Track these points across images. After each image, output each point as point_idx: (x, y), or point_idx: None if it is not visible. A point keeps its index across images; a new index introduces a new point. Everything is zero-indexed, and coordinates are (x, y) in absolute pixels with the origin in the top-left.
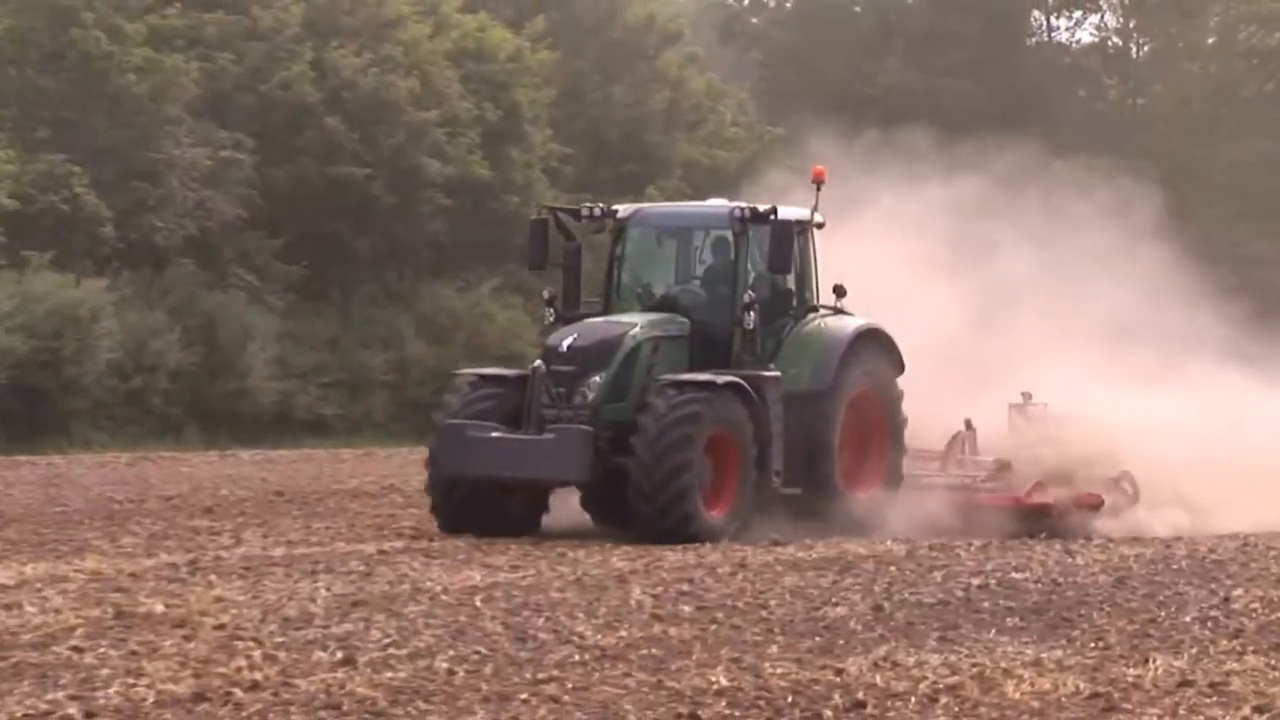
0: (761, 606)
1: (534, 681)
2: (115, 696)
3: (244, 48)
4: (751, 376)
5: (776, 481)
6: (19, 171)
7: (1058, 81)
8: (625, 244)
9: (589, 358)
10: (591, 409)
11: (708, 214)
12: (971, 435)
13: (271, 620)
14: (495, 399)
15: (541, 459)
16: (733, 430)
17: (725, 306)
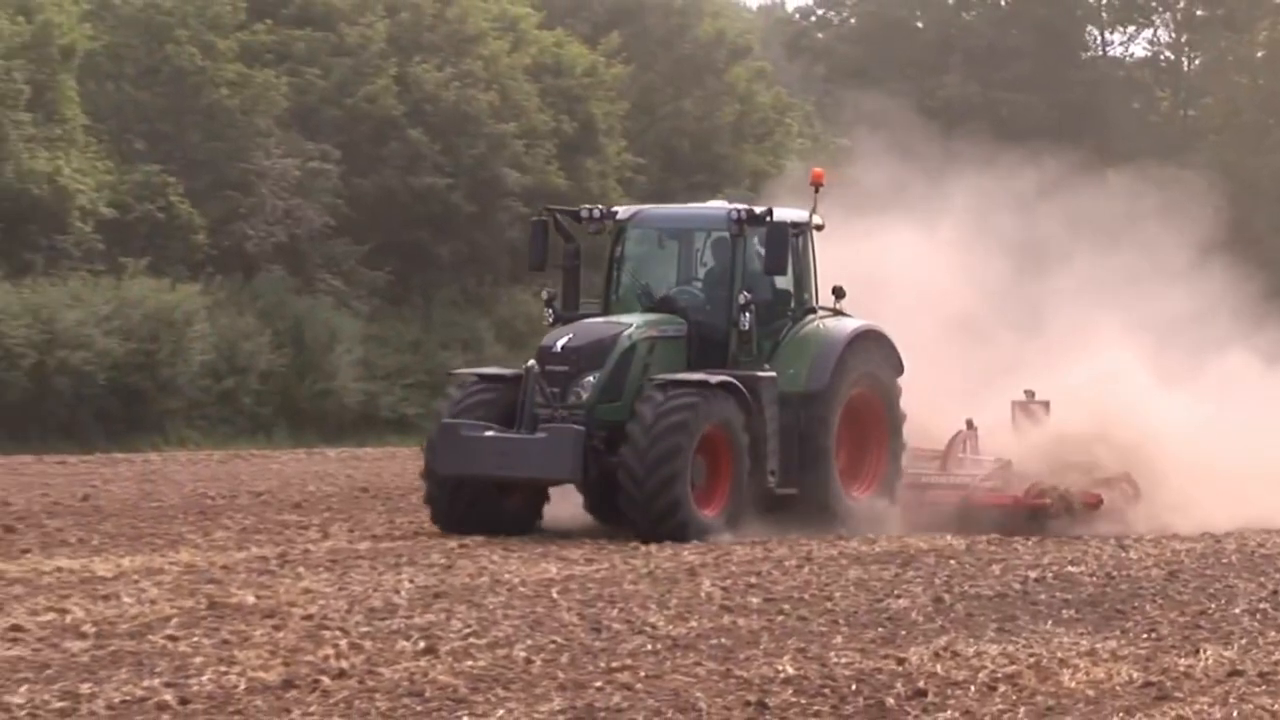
0: (827, 598)
1: (608, 670)
2: (208, 683)
3: (331, 63)
4: (746, 376)
5: (772, 481)
6: (117, 181)
7: (1112, 94)
8: (624, 245)
9: (583, 358)
10: (586, 408)
11: (705, 216)
12: (973, 434)
13: (357, 611)
14: (492, 398)
15: (533, 458)
16: (726, 429)
17: (723, 307)
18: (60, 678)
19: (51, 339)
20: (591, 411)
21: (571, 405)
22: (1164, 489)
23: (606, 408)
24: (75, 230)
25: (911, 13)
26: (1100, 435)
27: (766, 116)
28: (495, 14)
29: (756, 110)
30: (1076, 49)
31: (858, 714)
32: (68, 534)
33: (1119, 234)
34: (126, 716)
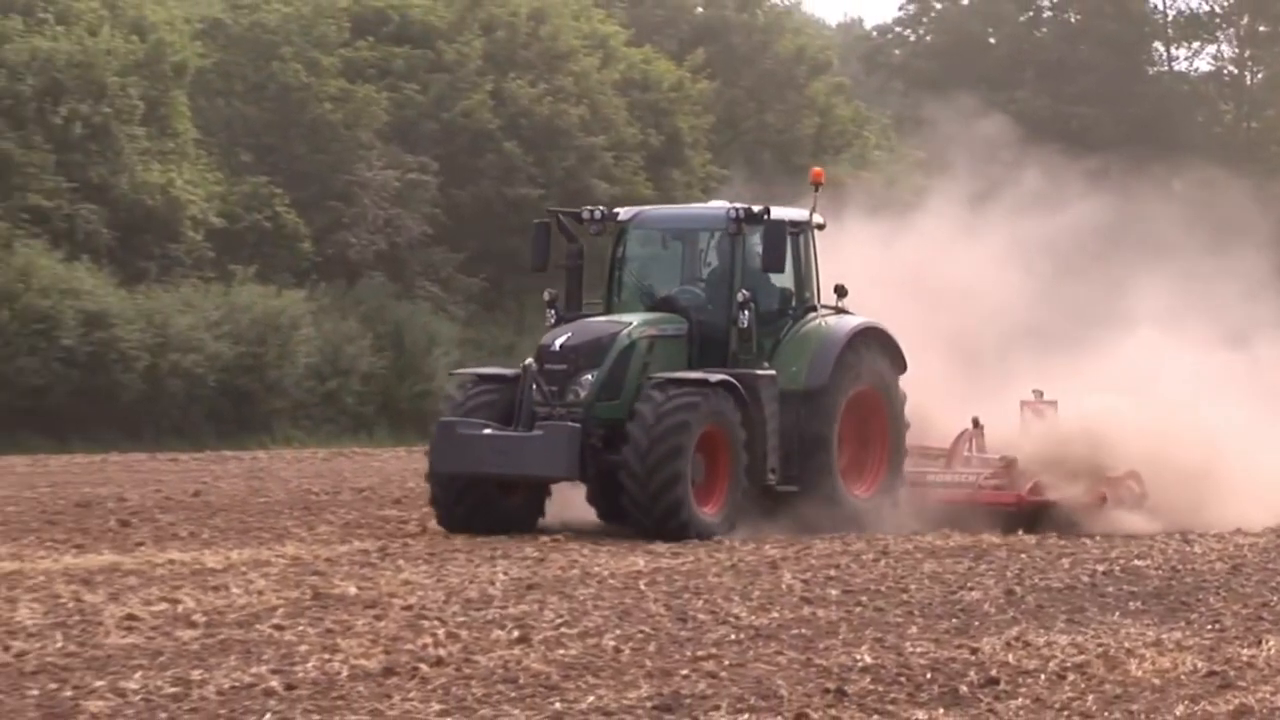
0: (902, 590)
1: (693, 658)
2: (313, 670)
3: (429, 79)
4: (745, 375)
5: (772, 479)
6: (226, 192)
7: (1177, 107)
8: (626, 246)
9: (581, 356)
10: (584, 407)
11: (705, 215)
12: (979, 433)
13: (454, 601)
14: (492, 397)
15: (530, 456)
16: (725, 428)
17: (723, 306)
18: (172, 665)
19: (164, 342)
20: (590, 410)
21: (570, 404)
22: (1175, 488)
23: (605, 406)
24: (187, 239)
25: (985, 29)
26: (1107, 434)
27: (845, 129)
28: (586, 32)
29: (836, 123)
30: (1143, 64)
31: (933, 701)
32: (179, 528)
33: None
34: (235, 702)
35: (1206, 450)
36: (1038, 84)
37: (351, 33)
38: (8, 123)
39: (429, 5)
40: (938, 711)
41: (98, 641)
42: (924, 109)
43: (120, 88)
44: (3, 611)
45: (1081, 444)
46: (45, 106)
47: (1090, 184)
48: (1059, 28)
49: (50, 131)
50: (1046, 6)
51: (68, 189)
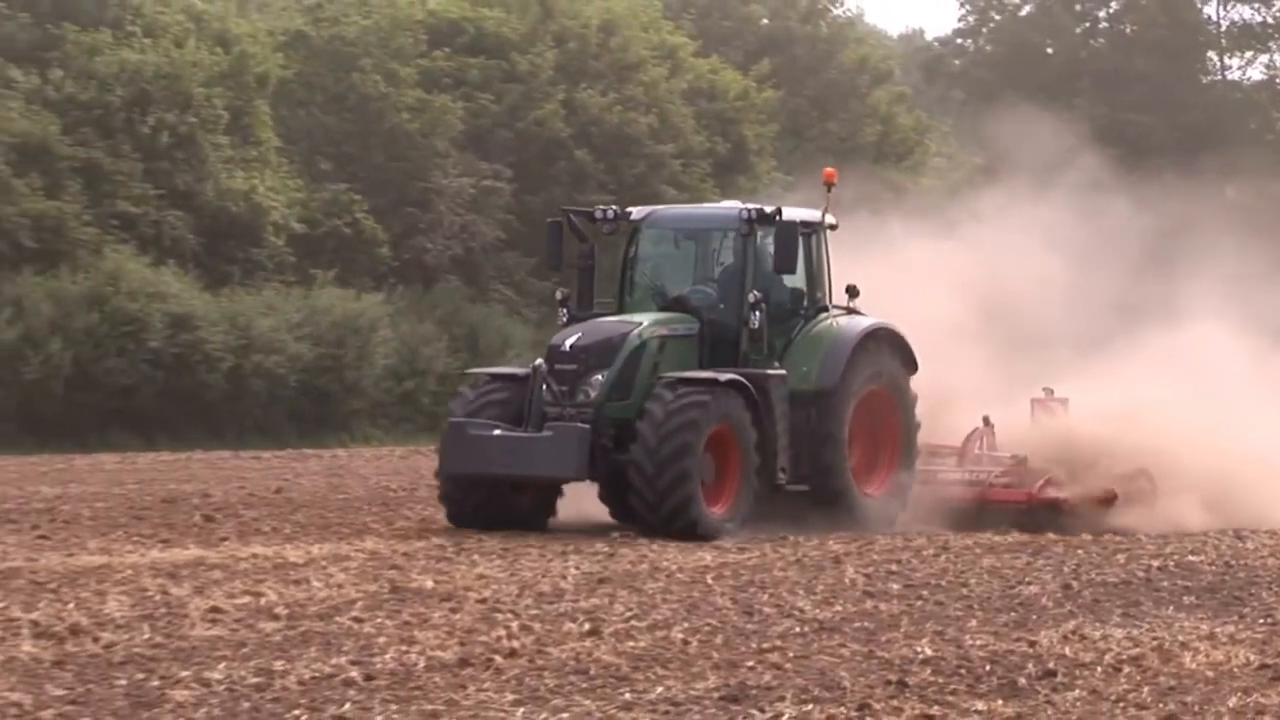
0: (962, 585)
1: (759, 650)
2: (390, 661)
3: (503, 89)
4: (756, 375)
5: (782, 478)
6: (307, 199)
7: (1230, 115)
8: (638, 245)
9: (591, 356)
10: (594, 407)
11: (717, 215)
12: (989, 431)
13: (527, 595)
14: (504, 397)
15: (538, 456)
16: (735, 427)
17: (734, 306)
18: (255, 655)
19: (248, 344)
20: (600, 410)
21: (580, 404)
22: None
23: (616, 406)
24: (269, 244)
25: (1043, 40)
26: (1118, 432)
27: (906, 137)
28: (655, 43)
29: (897, 131)
30: (1197, 73)
31: (992, 693)
32: (262, 523)
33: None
34: (315, 692)
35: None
36: (1094, 93)
37: (428, 44)
38: (98, 132)
39: (502, 17)
40: (997, 703)
41: (183, 633)
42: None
43: (205, 98)
44: (92, 604)
45: (1091, 441)
46: (134, 116)
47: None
48: (1115, 38)
49: (138, 140)
50: (1102, 18)
51: (155, 196)
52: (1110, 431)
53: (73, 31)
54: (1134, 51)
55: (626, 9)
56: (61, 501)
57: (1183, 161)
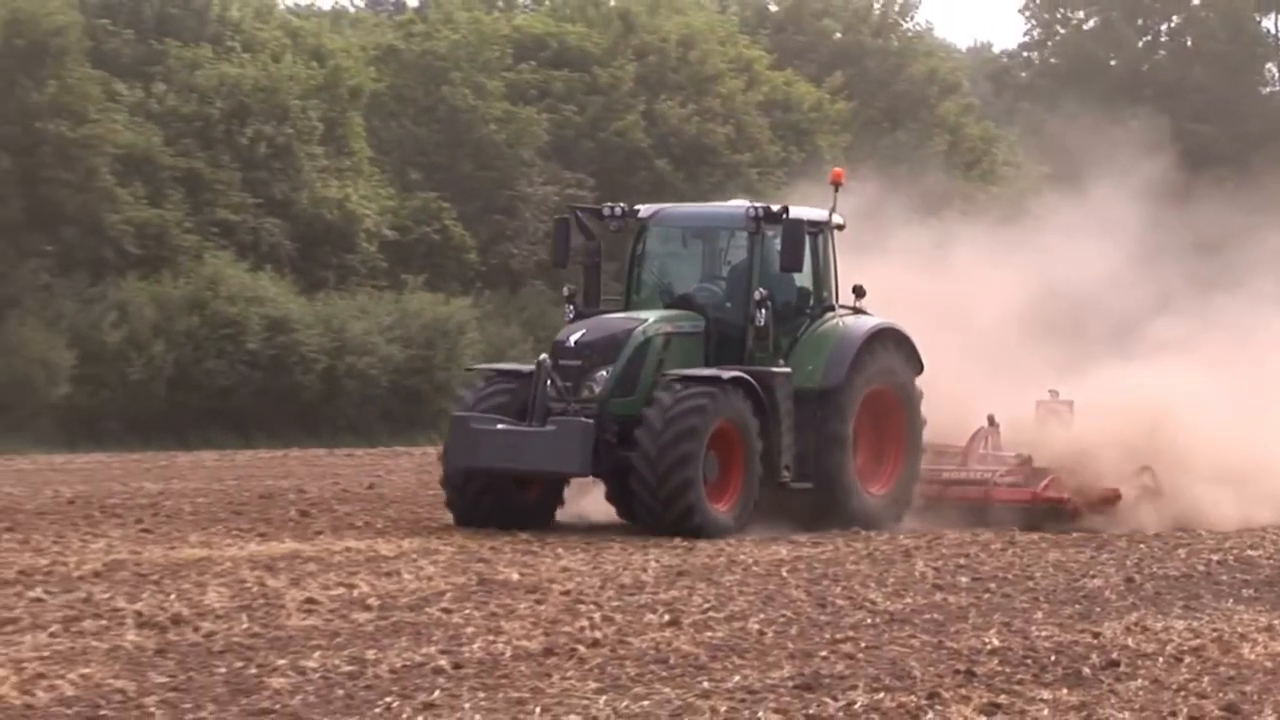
0: (1028, 578)
1: (832, 641)
2: (478, 651)
3: (586, 100)
4: (761, 373)
5: (786, 476)
6: (398, 207)
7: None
8: (645, 243)
9: (596, 352)
10: (598, 403)
11: (725, 214)
12: (994, 430)
13: (609, 587)
14: (509, 393)
15: (542, 451)
16: (739, 425)
17: (741, 305)
18: (349, 645)
19: (341, 346)
20: (605, 406)
21: (584, 399)
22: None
23: (620, 402)
24: (362, 250)
25: (1106, 53)
26: (1122, 431)
27: (975, 146)
28: (732, 56)
29: (965, 140)
30: (1256, 84)
31: (1057, 682)
32: (355, 518)
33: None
34: (406, 680)
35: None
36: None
37: (514, 58)
38: (199, 143)
39: (585, 32)
40: (1061, 692)
41: (280, 623)
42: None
43: (301, 110)
44: (193, 595)
45: (1095, 441)
46: (233, 128)
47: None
48: (1175, 50)
49: (237, 151)
50: (1163, 31)
51: (253, 204)
52: (1114, 430)
53: (175, 47)
54: (1194, 63)
55: (705, 24)
56: (164, 497)
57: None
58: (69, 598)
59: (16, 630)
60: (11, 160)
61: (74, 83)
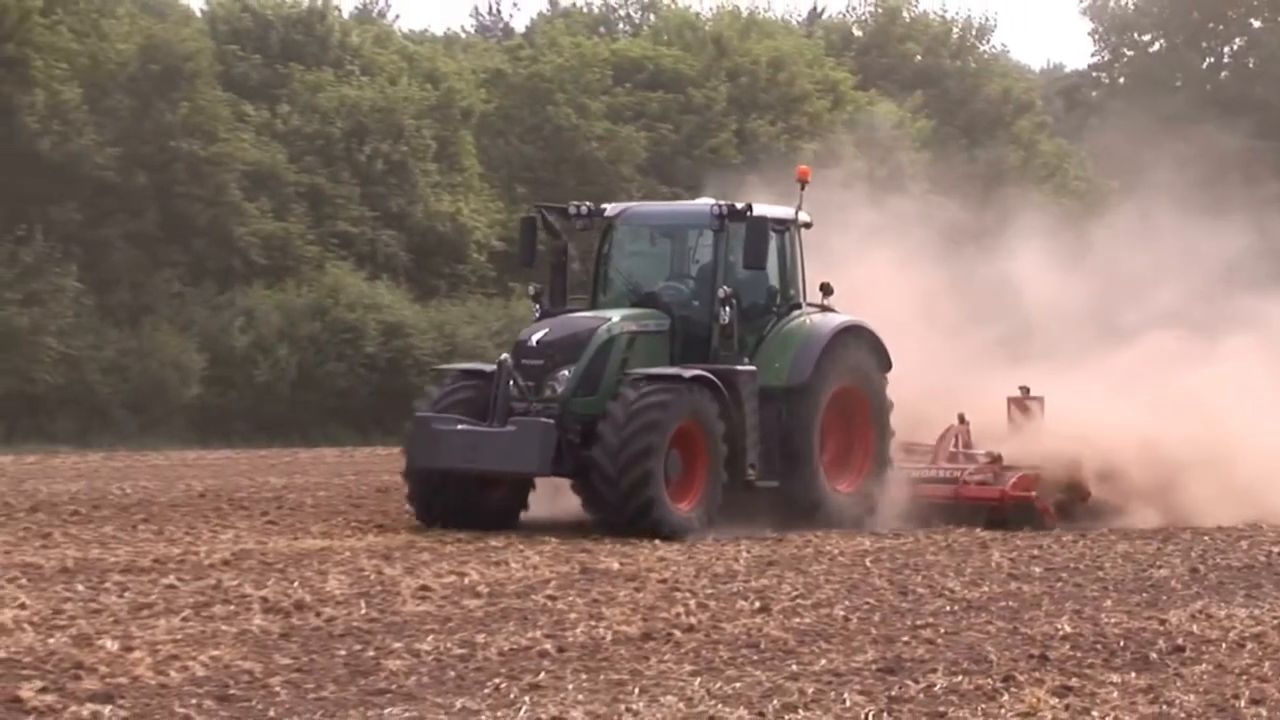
0: (1098, 568)
1: (913, 627)
2: (581, 635)
3: (681, 120)
4: (724, 371)
5: (751, 474)
6: (505, 220)
7: None
8: (611, 242)
9: (558, 351)
10: (560, 402)
11: (690, 212)
12: (965, 429)
13: (704, 576)
14: (471, 394)
15: (501, 450)
16: (701, 423)
17: (707, 303)
18: (460, 629)
19: (452, 350)
20: (567, 405)
21: (546, 399)
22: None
23: (582, 401)
24: (472, 260)
25: (1172, 73)
26: (1092, 429)
27: (1047, 161)
28: (818, 78)
29: (1039, 156)
30: None
31: (1125, 666)
32: None
33: None
34: (514, 662)
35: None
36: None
37: (613, 80)
38: (320, 160)
39: (681, 55)
40: (1130, 675)
41: (396, 609)
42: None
43: (416, 129)
44: (315, 583)
45: (1065, 439)
46: (352, 146)
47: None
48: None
49: (356, 167)
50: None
51: (371, 217)
52: (1083, 429)
53: (299, 71)
54: (1254, 82)
55: (793, 47)
56: (288, 491)
57: None
58: (200, 585)
59: (152, 615)
60: (147, 177)
61: (205, 104)
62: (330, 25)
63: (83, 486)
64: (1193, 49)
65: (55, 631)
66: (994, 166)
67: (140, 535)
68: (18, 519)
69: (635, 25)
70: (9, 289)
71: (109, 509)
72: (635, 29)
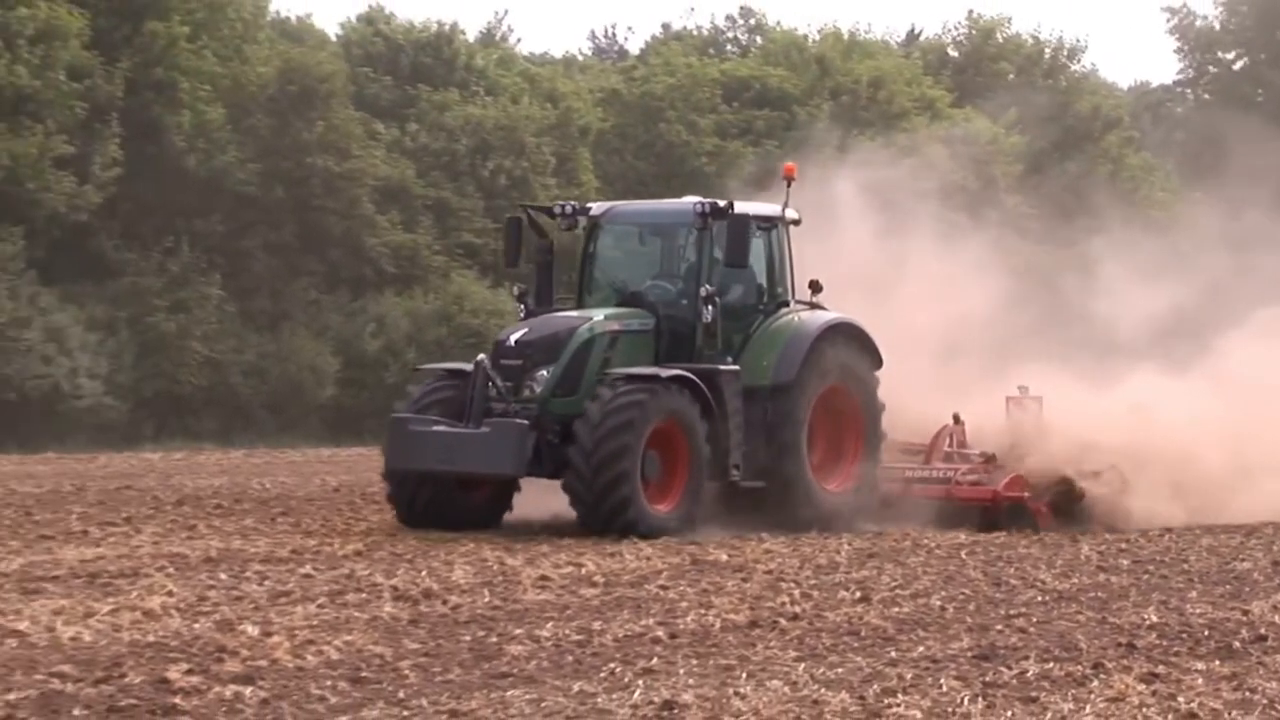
0: (1183, 561)
1: (1006, 616)
2: (691, 623)
3: (785, 136)
4: (707, 370)
5: (736, 475)
6: None
7: None
8: (597, 241)
9: (536, 351)
10: (539, 402)
11: (674, 211)
12: (960, 429)
13: (807, 567)
14: (453, 392)
15: (475, 452)
16: (682, 424)
17: (692, 301)
18: (577, 616)
19: None
20: (545, 405)
21: (525, 399)
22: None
23: (561, 401)
24: None
25: (1253, 90)
26: (1089, 428)
27: (1134, 174)
28: (916, 95)
29: (1126, 170)
30: None
31: (1209, 655)
32: None
33: None
34: (628, 648)
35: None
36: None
37: (722, 99)
38: (446, 175)
39: (785, 75)
40: (1214, 664)
41: (517, 597)
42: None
43: (536, 146)
44: (441, 572)
45: (1062, 438)
46: (476, 162)
47: None
48: None
49: (480, 182)
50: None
51: (493, 229)
52: (1080, 428)
53: (427, 92)
54: None
55: (893, 67)
56: None
57: None
58: (334, 574)
59: (289, 602)
60: (286, 191)
61: (339, 123)
62: (457, 49)
63: (225, 482)
64: (1275, 66)
65: (200, 617)
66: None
67: (279, 527)
68: (165, 512)
69: (742, 46)
70: (158, 297)
71: (249, 503)
72: (743, 50)
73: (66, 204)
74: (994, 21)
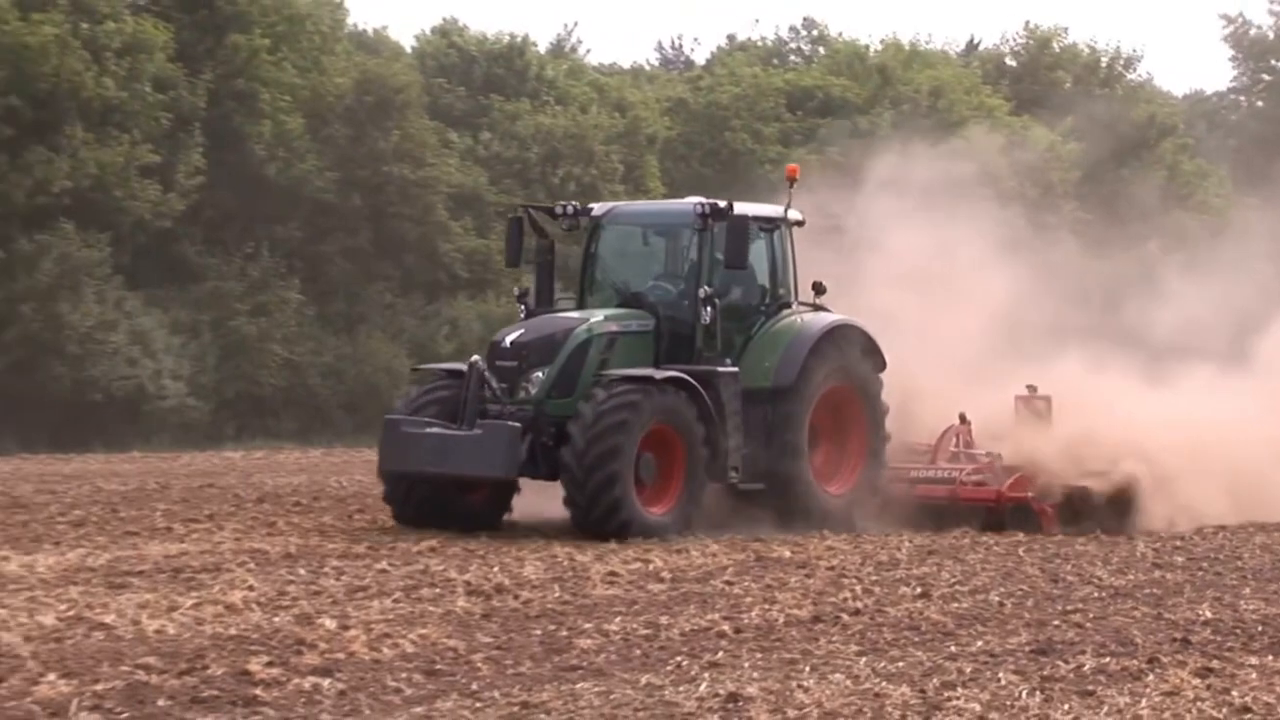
0: (1237, 558)
1: (1063, 612)
2: (755, 617)
3: (848, 144)
4: (704, 372)
5: (734, 476)
6: None
7: None
8: (598, 242)
9: (532, 352)
10: (534, 404)
11: (675, 211)
12: (966, 428)
13: (869, 564)
14: (448, 394)
15: (466, 454)
16: (678, 426)
17: (693, 303)
18: (645, 611)
19: None
20: (541, 407)
21: (520, 400)
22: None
23: (558, 403)
24: None
25: None
26: (1099, 429)
27: (1189, 180)
28: (975, 104)
29: (1181, 176)
30: None
31: (1263, 650)
32: None
33: None
34: (694, 641)
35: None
36: None
37: (786, 107)
38: (518, 182)
39: (848, 84)
40: (1268, 659)
41: (586, 592)
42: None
43: (605, 154)
44: (513, 568)
45: (1071, 439)
46: (547, 169)
47: None
48: None
49: (550, 189)
50: None
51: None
52: (1089, 428)
53: (498, 101)
54: None
55: (952, 76)
56: None
57: None
58: (409, 569)
59: (366, 596)
60: (362, 198)
61: (414, 132)
62: (528, 60)
63: (304, 480)
64: None
65: (280, 611)
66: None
67: (355, 524)
68: (246, 509)
69: (805, 57)
70: (239, 301)
71: (327, 500)
72: (806, 60)
73: (151, 211)
74: (1051, 32)
